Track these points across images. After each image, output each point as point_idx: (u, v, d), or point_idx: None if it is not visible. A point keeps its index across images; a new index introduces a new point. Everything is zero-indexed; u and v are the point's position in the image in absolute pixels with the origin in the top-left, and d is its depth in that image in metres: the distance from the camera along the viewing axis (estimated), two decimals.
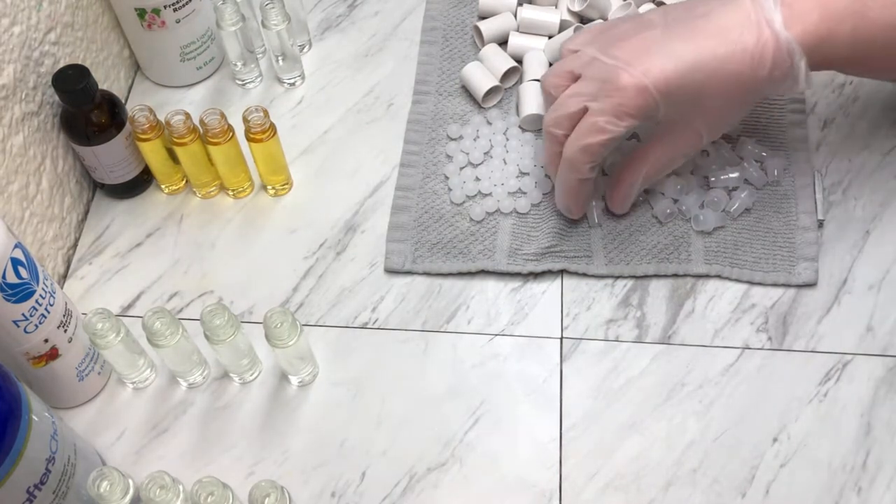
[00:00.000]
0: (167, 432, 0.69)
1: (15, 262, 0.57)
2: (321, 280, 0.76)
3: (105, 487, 0.56)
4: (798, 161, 0.79)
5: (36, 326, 0.61)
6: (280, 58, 0.85)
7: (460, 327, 0.73)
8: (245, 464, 0.67)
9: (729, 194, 0.76)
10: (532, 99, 0.81)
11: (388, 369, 0.71)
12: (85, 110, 0.73)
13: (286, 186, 0.80)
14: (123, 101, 0.85)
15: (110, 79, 0.85)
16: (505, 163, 0.80)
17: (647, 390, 0.69)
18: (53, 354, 0.64)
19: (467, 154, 0.80)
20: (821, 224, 0.75)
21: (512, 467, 0.66)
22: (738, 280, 0.73)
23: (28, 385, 0.57)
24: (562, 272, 0.75)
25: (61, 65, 0.75)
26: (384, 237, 0.77)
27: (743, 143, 0.78)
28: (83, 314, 0.69)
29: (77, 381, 0.68)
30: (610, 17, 0.84)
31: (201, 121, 0.73)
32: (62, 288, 0.76)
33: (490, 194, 0.78)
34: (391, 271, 0.76)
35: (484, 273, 0.75)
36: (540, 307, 0.73)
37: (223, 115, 0.73)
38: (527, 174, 0.79)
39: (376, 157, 0.82)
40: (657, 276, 0.74)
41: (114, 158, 0.76)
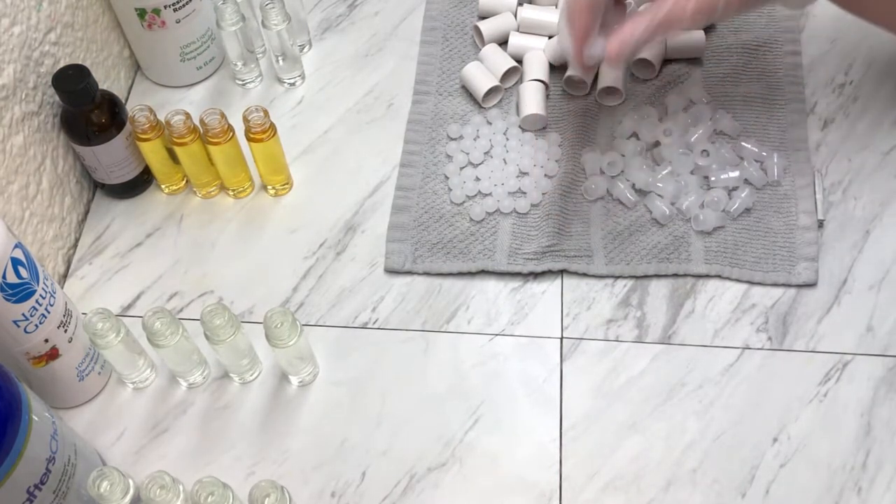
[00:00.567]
0: (167, 432, 0.69)
1: (15, 262, 0.57)
2: (321, 280, 0.76)
3: (105, 487, 0.56)
4: (798, 161, 0.79)
5: (36, 326, 0.61)
6: (280, 58, 0.85)
7: (460, 327, 0.73)
8: (245, 464, 0.67)
9: (729, 194, 0.76)
10: (532, 99, 0.81)
11: (388, 369, 0.71)
12: (85, 110, 0.73)
13: (286, 186, 0.80)
14: (123, 101, 0.85)
15: (110, 79, 0.85)
16: (505, 163, 0.80)
17: (647, 390, 0.69)
18: (53, 354, 0.64)
19: (467, 154, 0.80)
20: (821, 224, 0.75)
21: (512, 467, 0.66)
22: (738, 280, 0.73)
23: (28, 385, 0.57)
24: (562, 272, 0.75)
25: (61, 65, 0.75)
26: (384, 237, 0.77)
27: (743, 143, 0.78)
28: (83, 314, 0.69)
29: (77, 381, 0.68)
30: None
31: (201, 121, 0.73)
32: (62, 288, 0.76)
33: (490, 194, 0.78)
34: (391, 271, 0.76)
35: (484, 273, 0.75)
36: (540, 307, 0.73)
37: (223, 115, 0.73)
38: (527, 174, 0.79)
39: (376, 157, 0.82)
40: (657, 276, 0.74)
41: (114, 158, 0.76)
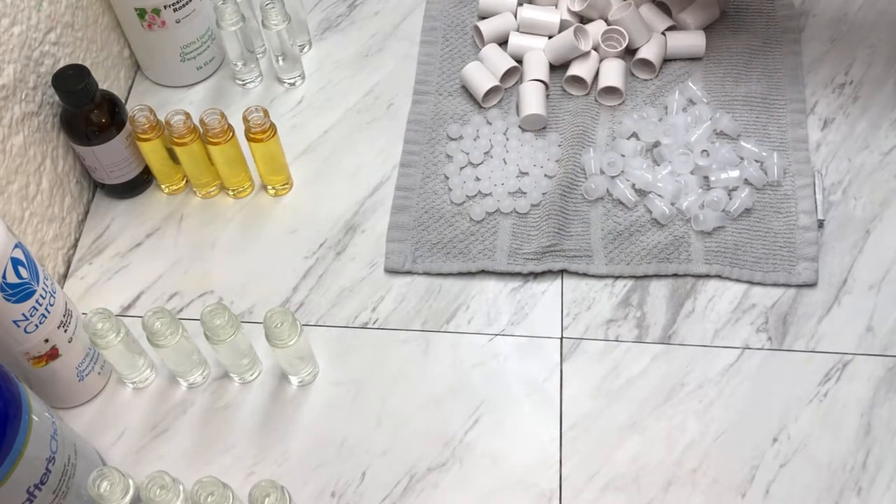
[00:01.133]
0: (167, 432, 0.69)
1: (15, 262, 0.57)
2: (321, 280, 0.76)
3: (105, 487, 0.56)
4: (798, 161, 0.79)
5: (36, 326, 0.61)
6: (280, 58, 0.85)
7: (460, 327, 0.73)
8: (245, 464, 0.67)
9: (729, 194, 0.76)
10: (532, 99, 0.81)
11: (388, 369, 0.71)
12: (85, 110, 0.73)
13: (286, 186, 0.80)
14: (123, 101, 0.85)
15: (110, 79, 0.85)
16: (505, 163, 0.80)
17: (647, 390, 0.69)
18: (53, 354, 0.64)
19: (467, 154, 0.80)
20: (821, 224, 0.75)
21: (512, 467, 0.66)
22: (738, 280, 0.73)
23: (28, 385, 0.57)
24: (562, 272, 0.75)
25: (61, 65, 0.75)
26: (384, 237, 0.77)
27: (743, 143, 0.78)
28: (83, 314, 0.69)
29: (77, 381, 0.68)
30: (610, 18, 0.84)
31: (201, 121, 0.73)
32: (62, 288, 0.76)
33: (490, 194, 0.78)
34: (391, 271, 0.76)
35: (484, 273, 0.75)
36: (540, 307, 0.73)
37: (223, 115, 0.73)
38: (527, 174, 0.79)
39: (376, 157, 0.82)
40: (657, 276, 0.74)
41: (114, 158, 0.76)
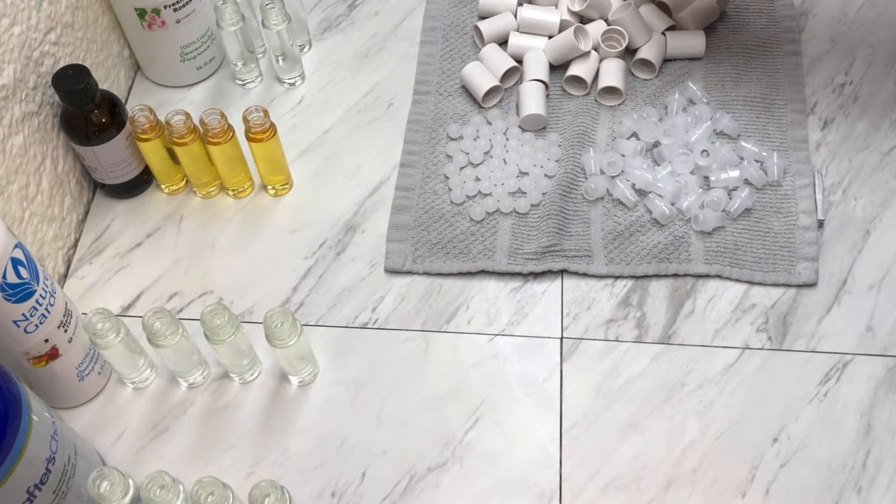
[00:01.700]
0: (167, 432, 0.69)
1: (15, 262, 0.57)
2: (321, 280, 0.76)
3: (105, 487, 0.56)
4: (798, 161, 0.79)
5: (36, 326, 0.61)
6: (280, 58, 0.85)
7: (460, 327, 0.73)
8: (245, 464, 0.67)
9: (729, 194, 0.76)
10: (532, 99, 0.81)
11: (388, 369, 0.71)
12: (85, 110, 0.73)
13: (286, 186, 0.80)
14: (123, 101, 0.85)
15: (110, 79, 0.85)
16: (505, 163, 0.80)
17: (647, 390, 0.69)
18: (53, 354, 0.64)
19: (467, 154, 0.80)
20: (821, 224, 0.75)
21: (512, 467, 0.66)
22: (738, 280, 0.73)
23: (28, 385, 0.57)
24: (562, 272, 0.75)
25: (61, 65, 0.75)
26: (384, 237, 0.77)
27: (743, 143, 0.78)
28: (83, 314, 0.69)
29: (77, 381, 0.68)
30: (610, 18, 0.84)
31: (201, 121, 0.73)
32: (62, 288, 0.76)
33: (490, 194, 0.78)
34: (391, 271, 0.76)
35: (484, 273, 0.75)
36: (540, 307, 0.73)
37: (223, 115, 0.73)
38: (526, 174, 0.79)
39: (376, 157, 0.82)
40: (657, 276, 0.74)
41: (114, 158, 0.76)
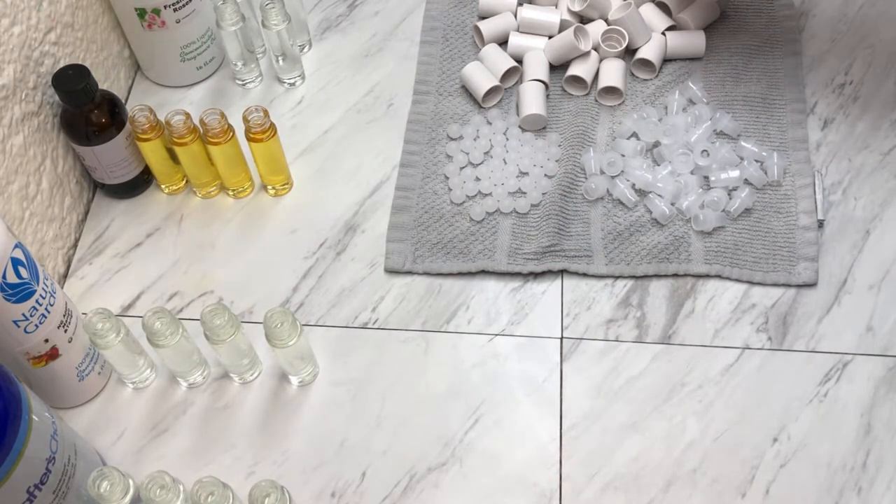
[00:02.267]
0: (167, 432, 0.69)
1: (15, 262, 0.57)
2: (321, 280, 0.76)
3: (105, 487, 0.56)
4: (798, 161, 0.79)
5: (36, 326, 0.61)
6: (280, 58, 0.85)
7: (460, 327, 0.73)
8: (245, 464, 0.67)
9: (729, 194, 0.76)
10: (532, 99, 0.81)
11: (388, 369, 0.71)
12: (85, 110, 0.73)
13: (286, 186, 0.80)
14: (123, 101, 0.85)
15: (110, 79, 0.85)
16: (505, 163, 0.80)
17: (647, 390, 0.69)
18: (53, 354, 0.64)
19: (467, 154, 0.80)
20: (821, 224, 0.75)
21: (512, 467, 0.66)
22: (738, 280, 0.73)
23: (28, 385, 0.57)
24: (562, 272, 0.75)
25: (61, 65, 0.75)
26: (384, 237, 0.77)
27: (743, 143, 0.78)
28: (83, 314, 0.69)
29: (77, 381, 0.68)
30: (610, 18, 0.84)
31: (201, 121, 0.73)
32: (62, 288, 0.76)
33: (490, 194, 0.78)
34: (391, 271, 0.76)
35: (484, 273, 0.75)
36: (540, 307, 0.73)
37: (223, 115, 0.73)
38: (526, 174, 0.79)
39: (376, 157, 0.82)
40: (657, 276, 0.74)
41: (114, 158, 0.76)
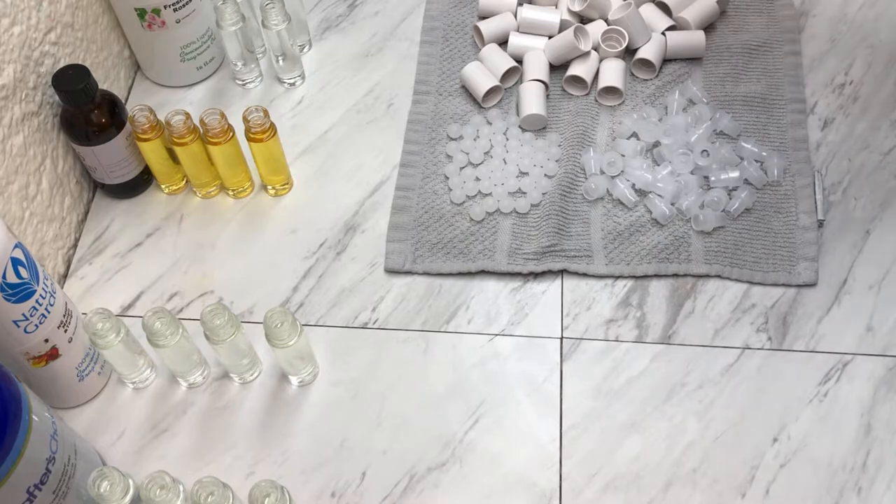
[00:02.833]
0: (167, 432, 0.69)
1: (15, 262, 0.57)
2: (321, 280, 0.76)
3: (105, 487, 0.56)
4: (798, 161, 0.79)
5: (36, 326, 0.61)
6: (280, 58, 0.85)
7: (460, 327, 0.73)
8: (245, 464, 0.67)
9: (729, 194, 0.76)
10: (532, 99, 0.81)
11: (388, 369, 0.71)
12: (85, 110, 0.73)
13: (286, 186, 0.80)
14: (123, 101, 0.85)
15: (110, 79, 0.85)
16: (505, 163, 0.80)
17: (647, 390, 0.69)
18: (53, 354, 0.64)
19: (467, 154, 0.80)
20: (821, 224, 0.75)
21: (512, 467, 0.66)
22: (739, 280, 0.73)
23: (28, 385, 0.57)
24: (562, 272, 0.75)
25: (61, 65, 0.75)
26: (384, 237, 0.77)
27: (743, 143, 0.78)
28: (83, 314, 0.69)
29: (77, 381, 0.68)
30: (610, 18, 0.84)
31: (201, 121, 0.73)
32: (62, 288, 0.76)
33: (490, 194, 0.78)
34: (391, 271, 0.76)
35: (484, 273, 0.75)
36: (540, 307, 0.73)
37: (223, 115, 0.73)
38: (526, 174, 0.79)
39: (376, 157, 0.82)
40: (657, 276, 0.74)
41: (114, 158, 0.76)
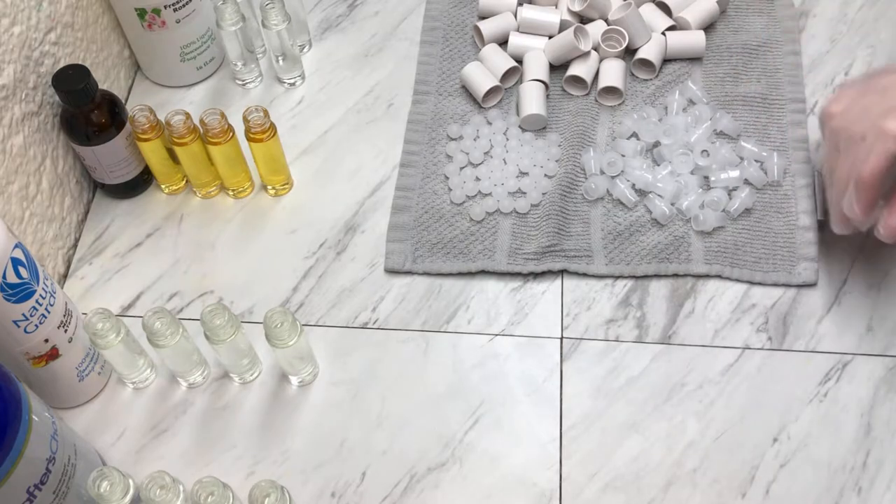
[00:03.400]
0: (167, 432, 0.69)
1: (15, 262, 0.57)
2: (321, 280, 0.76)
3: (105, 487, 0.56)
4: (798, 161, 0.79)
5: (36, 326, 0.61)
6: (280, 58, 0.85)
7: (460, 327, 0.73)
8: (245, 464, 0.67)
9: (729, 194, 0.76)
10: (532, 99, 0.81)
11: (388, 369, 0.71)
12: (85, 110, 0.73)
13: (286, 186, 0.80)
14: (123, 101, 0.85)
15: (110, 79, 0.85)
16: (505, 163, 0.80)
17: (647, 390, 0.69)
18: (53, 354, 0.64)
19: (467, 154, 0.80)
20: (821, 224, 0.75)
21: (512, 467, 0.66)
22: (739, 280, 0.73)
23: (28, 385, 0.57)
24: (562, 272, 0.75)
25: (61, 65, 0.75)
26: (384, 237, 0.77)
27: (743, 143, 0.78)
28: (83, 314, 0.69)
29: (77, 381, 0.68)
30: (610, 18, 0.84)
31: (201, 121, 0.73)
32: (62, 288, 0.76)
33: (490, 194, 0.78)
34: (391, 271, 0.76)
35: (484, 273, 0.75)
36: (540, 307, 0.73)
37: (223, 115, 0.73)
38: (526, 174, 0.79)
39: (376, 157, 0.82)
40: (657, 276, 0.74)
41: (114, 158, 0.76)
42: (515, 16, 0.88)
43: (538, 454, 0.67)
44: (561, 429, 0.68)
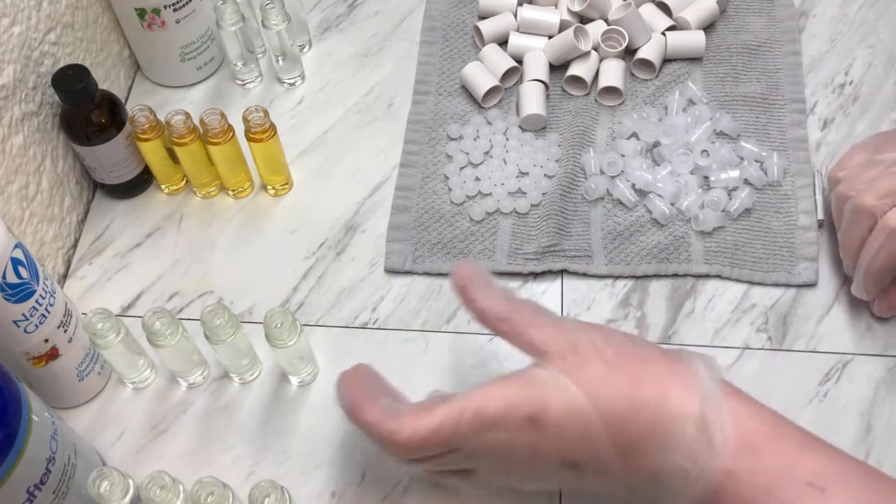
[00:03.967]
0: (167, 432, 0.69)
1: (15, 262, 0.57)
2: (321, 280, 0.75)
3: (105, 487, 0.56)
4: (798, 161, 0.79)
5: (36, 326, 0.61)
6: (280, 58, 0.85)
7: (460, 327, 0.72)
8: (245, 464, 0.67)
9: (729, 194, 0.76)
10: (532, 99, 0.81)
11: (389, 369, 0.71)
12: (85, 110, 0.73)
13: (286, 186, 0.80)
14: (123, 101, 0.85)
15: (110, 79, 0.85)
16: (505, 163, 0.80)
17: None
18: (53, 354, 0.64)
19: (467, 154, 0.80)
20: (821, 224, 0.75)
21: None
22: (738, 280, 0.73)
23: (28, 385, 0.57)
24: (562, 272, 0.75)
25: (61, 65, 0.75)
26: (384, 237, 0.77)
27: (743, 143, 0.78)
28: (83, 314, 0.69)
29: (77, 381, 0.68)
30: (610, 18, 0.84)
31: (201, 121, 0.73)
32: (62, 288, 0.76)
33: (490, 194, 0.78)
34: (391, 271, 0.76)
35: None
36: None
37: (223, 115, 0.73)
38: (526, 174, 0.79)
39: (376, 157, 0.82)
40: (657, 276, 0.74)
41: (114, 158, 0.76)
42: (515, 16, 0.88)
43: None
44: None
